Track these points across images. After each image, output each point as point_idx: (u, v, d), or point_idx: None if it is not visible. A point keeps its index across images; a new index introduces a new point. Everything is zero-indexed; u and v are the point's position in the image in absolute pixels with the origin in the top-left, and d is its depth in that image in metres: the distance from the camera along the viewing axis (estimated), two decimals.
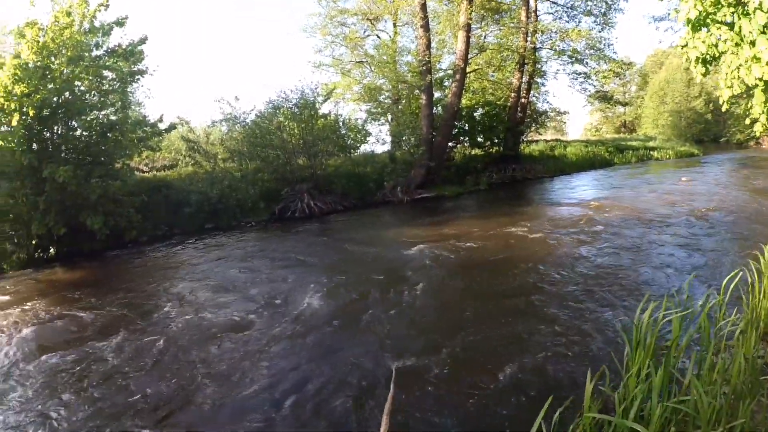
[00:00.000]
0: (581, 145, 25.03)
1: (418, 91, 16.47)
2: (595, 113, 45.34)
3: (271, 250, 9.44)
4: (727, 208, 9.92)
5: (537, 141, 23.18)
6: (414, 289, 6.02)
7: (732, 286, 3.25)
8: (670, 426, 2.17)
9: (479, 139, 18.82)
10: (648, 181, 15.97)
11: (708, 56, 4.41)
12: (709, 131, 39.13)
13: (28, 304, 6.62)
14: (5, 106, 9.01)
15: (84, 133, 11.17)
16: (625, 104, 38.75)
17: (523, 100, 19.41)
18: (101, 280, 7.93)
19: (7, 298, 7.09)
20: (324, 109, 15.28)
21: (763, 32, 3.70)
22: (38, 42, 9.31)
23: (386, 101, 18.49)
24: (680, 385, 2.56)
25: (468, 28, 15.57)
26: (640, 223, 8.65)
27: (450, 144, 17.81)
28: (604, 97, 25.06)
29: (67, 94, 10.15)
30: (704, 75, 4.65)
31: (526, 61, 18.56)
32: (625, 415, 2.13)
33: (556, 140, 26.14)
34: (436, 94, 17.60)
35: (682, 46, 4.65)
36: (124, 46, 11.13)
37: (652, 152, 26.94)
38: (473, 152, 19.26)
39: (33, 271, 9.00)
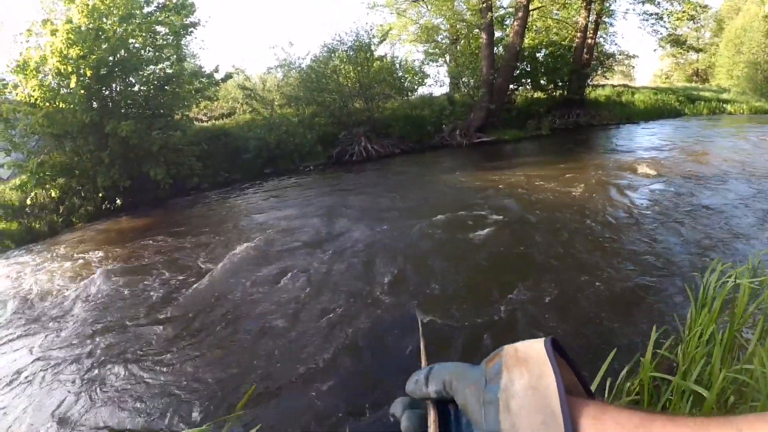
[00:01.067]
0: (650, 92, 23.22)
1: (477, 30, 15.61)
2: (666, 59, 41.93)
3: (328, 193, 9.41)
4: None
5: (603, 85, 21.63)
6: (473, 237, 5.74)
7: None
8: (728, 393, 2.09)
9: (542, 82, 17.75)
10: (722, 135, 14.49)
11: None
12: None
13: (98, 252, 6.89)
14: (62, 70, 9.28)
15: (142, 87, 11.54)
16: (698, 50, 35.44)
17: (589, 41, 17.96)
18: (165, 226, 8.16)
19: (79, 247, 7.39)
20: (380, 51, 14.92)
21: None
22: (88, 5, 9.47)
23: (444, 41, 17.82)
24: (743, 353, 2.36)
25: None
26: (712, 182, 7.77)
27: (511, 86, 16.92)
28: (677, 42, 22.94)
29: (122, 52, 10.35)
30: None
31: None
32: (685, 377, 2.04)
33: (624, 86, 24.33)
34: (497, 34, 16.67)
35: None
36: (174, 0, 11.16)
37: (725, 105, 24.67)
38: (535, 95, 18.26)
39: (101, 221, 9.45)
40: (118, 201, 10.64)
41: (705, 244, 5.01)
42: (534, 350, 0.43)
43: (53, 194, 9.85)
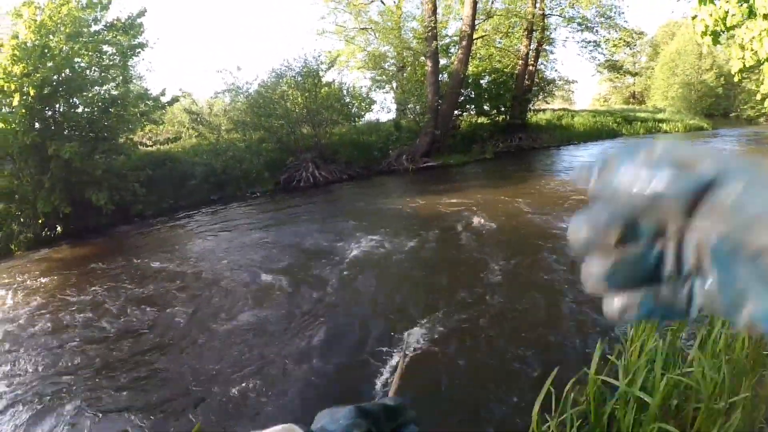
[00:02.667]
0: (589, 114, 24.61)
1: (423, 58, 16.13)
2: (604, 83, 44.47)
3: (276, 219, 9.39)
4: None
5: (544, 110, 22.75)
6: (418, 258, 6.02)
7: None
8: (672, 399, 2.21)
9: (485, 107, 18.49)
10: None
11: (717, 29, 4.27)
12: (719, 105, 38.12)
13: (35, 282, 6.63)
14: (5, 87, 8.92)
15: (86, 109, 11.06)
16: (634, 74, 37.79)
17: (530, 67, 18.97)
18: (108, 255, 7.91)
19: (16, 278, 7.06)
20: (328, 77, 15.06)
21: None
22: (36, 21, 9.16)
23: (391, 68, 18.18)
24: (684, 360, 2.57)
25: None
26: None
27: (456, 112, 17.52)
28: (614, 67, 24.53)
29: (67, 71, 10.01)
30: (714, 44, 4.52)
31: (534, 27, 18.08)
32: (630, 384, 2.16)
33: (564, 109, 25.68)
34: (442, 61, 17.21)
35: (693, 17, 4.49)
36: (122, 20, 10.98)
37: (661, 124, 26.42)
38: (479, 120, 18.96)
39: (41, 249, 9.00)
40: (59, 228, 10.14)
41: None
42: None
43: None
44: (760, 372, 2.42)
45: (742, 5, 3.99)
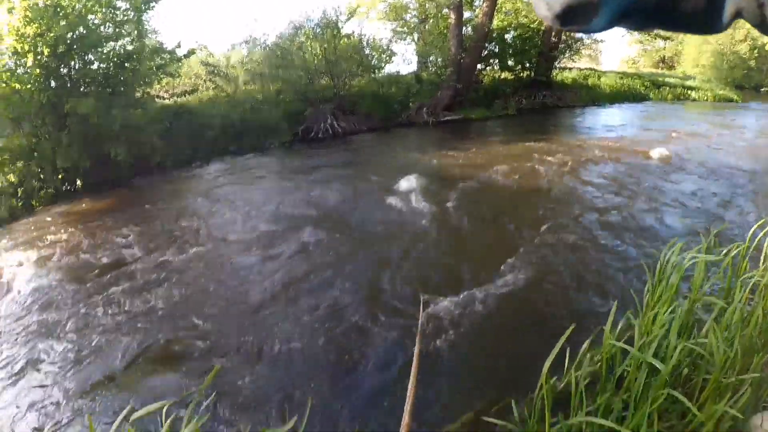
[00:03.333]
0: (616, 76, 23.68)
1: (446, 10, 15.49)
2: (634, 45, 42.74)
3: (292, 170, 9.33)
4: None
5: (570, 68, 21.90)
6: (437, 219, 5.83)
7: (759, 238, 3.16)
8: (683, 366, 2.24)
9: (510, 63, 17.82)
10: (685, 120, 14.87)
11: None
12: (751, 78, 36.24)
13: (56, 234, 6.69)
14: (19, 49, 8.88)
15: (101, 65, 10.97)
16: (665, 38, 36.28)
17: None
18: (127, 206, 8.01)
19: (38, 233, 7.10)
20: (347, 28, 14.70)
21: None
22: None
23: (413, 20, 17.63)
24: (699, 330, 2.54)
25: None
26: (669, 165, 8.08)
27: (479, 66, 16.92)
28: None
29: (81, 28, 9.85)
30: None
31: None
32: (643, 350, 2.14)
33: (591, 69, 24.75)
34: (466, 14, 16.53)
35: None
36: None
37: (690, 91, 25.30)
38: (503, 76, 18.33)
39: (61, 204, 9.07)
40: (79, 182, 10.20)
41: (664, 223, 5.26)
42: None
43: (12, 179, 9.43)
44: None
45: None
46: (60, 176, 9.87)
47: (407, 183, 7.20)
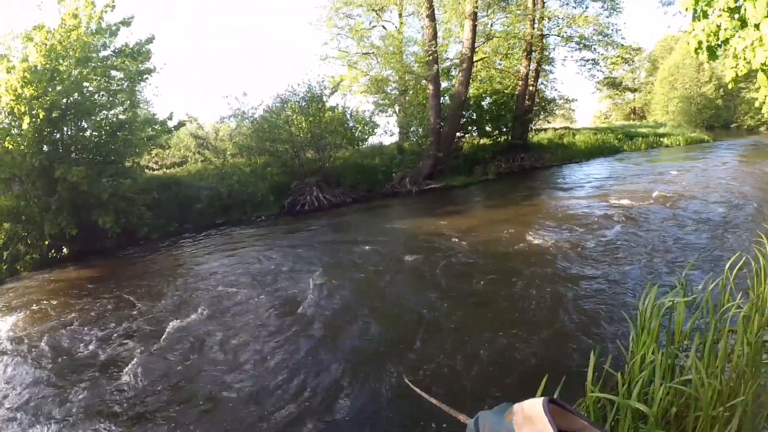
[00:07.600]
0: (590, 132, 24.72)
1: (425, 81, 16.36)
2: (604, 100, 44.64)
3: (280, 245, 9.44)
4: (740, 193, 9.76)
5: (545, 129, 22.95)
6: (422, 281, 6.10)
7: (735, 271, 3.25)
8: (672, 408, 2.23)
9: (487, 129, 18.70)
10: (656, 168, 15.74)
11: (711, 43, 4.42)
12: (719, 117, 38.28)
13: (41, 304, 6.71)
14: (15, 109, 9.16)
15: (94, 132, 11.35)
16: (634, 90, 38.19)
17: (531, 87, 19.18)
18: (113, 277, 8.03)
19: (21, 299, 7.20)
20: (331, 102, 15.34)
21: None
22: (46, 45, 9.43)
23: (393, 92, 18.44)
24: (684, 370, 2.59)
25: (474, 17, 15.38)
26: (646, 211, 8.60)
27: (458, 134, 17.74)
28: (613, 84, 24.88)
29: (76, 95, 10.27)
30: (711, 60, 4.65)
31: (533, 48, 18.33)
32: (628, 396, 2.17)
33: (565, 128, 25.80)
34: (444, 84, 17.49)
35: (688, 32, 4.65)
36: (131, 46, 11.27)
37: (662, 139, 26.50)
38: (481, 142, 19.15)
39: (46, 271, 9.15)
40: (65, 249, 10.34)
41: (645, 268, 5.59)
42: (535, 410, 0.56)
43: None
44: (759, 380, 2.45)
45: (734, 18, 4.14)
46: (47, 242, 9.99)
47: (387, 252, 7.53)
